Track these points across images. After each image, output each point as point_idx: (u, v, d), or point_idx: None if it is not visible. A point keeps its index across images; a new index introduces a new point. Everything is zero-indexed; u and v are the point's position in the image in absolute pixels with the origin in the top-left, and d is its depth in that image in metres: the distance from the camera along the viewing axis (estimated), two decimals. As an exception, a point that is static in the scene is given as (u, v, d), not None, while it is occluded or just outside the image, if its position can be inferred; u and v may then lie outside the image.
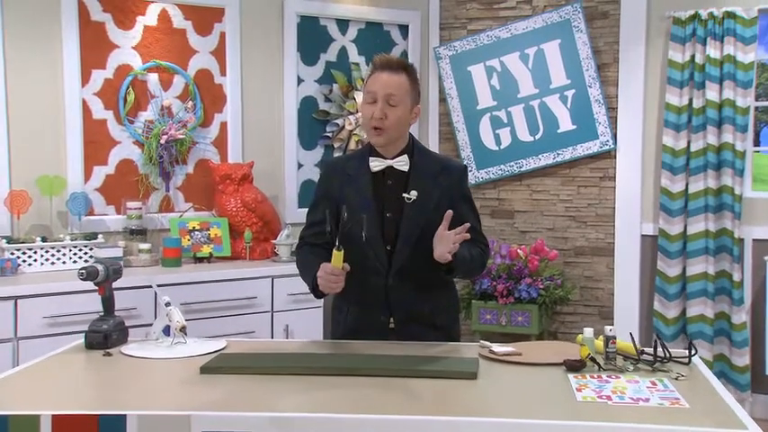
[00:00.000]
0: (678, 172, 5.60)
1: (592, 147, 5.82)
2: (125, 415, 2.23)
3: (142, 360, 2.87)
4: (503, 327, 5.48)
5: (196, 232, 5.09)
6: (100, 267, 3.06)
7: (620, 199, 5.83)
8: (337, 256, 2.89)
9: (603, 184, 5.88)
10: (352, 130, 5.74)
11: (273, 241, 5.21)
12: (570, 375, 2.67)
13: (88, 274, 3.04)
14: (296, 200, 5.68)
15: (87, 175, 4.98)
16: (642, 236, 5.81)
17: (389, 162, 3.14)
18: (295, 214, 5.63)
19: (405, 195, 3.10)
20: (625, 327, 5.73)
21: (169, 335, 3.05)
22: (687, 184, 5.59)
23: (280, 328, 4.92)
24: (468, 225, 2.94)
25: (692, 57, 5.53)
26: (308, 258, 3.19)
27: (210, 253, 5.06)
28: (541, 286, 5.49)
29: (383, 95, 3.04)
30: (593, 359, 2.74)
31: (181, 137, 5.13)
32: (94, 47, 4.96)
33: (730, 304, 5.53)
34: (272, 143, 5.61)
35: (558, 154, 5.88)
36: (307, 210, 3.38)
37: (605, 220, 5.88)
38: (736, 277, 5.47)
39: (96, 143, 5.00)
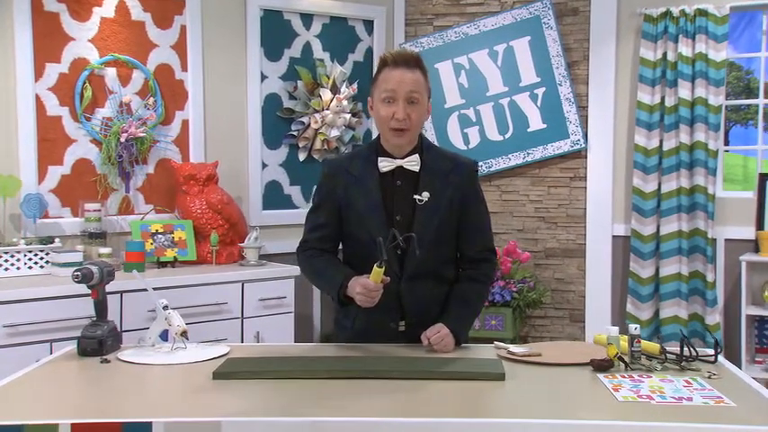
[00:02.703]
0: (651, 171, 5.52)
1: (562, 146, 5.71)
2: (151, 422, 2.05)
3: (145, 366, 2.66)
4: (476, 331, 5.30)
5: (159, 235, 4.81)
6: (94, 269, 2.84)
7: (591, 199, 5.73)
8: (378, 272, 2.73)
9: (574, 184, 5.77)
10: (317, 129, 5.53)
11: (241, 244, 4.97)
12: (600, 375, 2.53)
13: (83, 277, 2.82)
14: (260, 201, 5.44)
15: (41, 175, 4.66)
16: (614, 237, 5.72)
17: (400, 162, 2.97)
18: (260, 216, 5.40)
19: (416, 197, 2.94)
20: (597, 329, 5.66)
21: (166, 340, 2.82)
22: (660, 184, 5.52)
23: (250, 335, 4.69)
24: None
25: (664, 54, 5.46)
26: (322, 266, 3.06)
27: (175, 257, 4.79)
28: (515, 289, 5.36)
29: (404, 94, 2.88)
30: (620, 358, 2.60)
31: (142, 135, 4.85)
32: (48, 39, 4.65)
33: (704, 305, 5.46)
34: (236, 142, 5.36)
35: (528, 153, 5.76)
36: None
37: (576, 221, 5.77)
38: (710, 278, 5.41)
39: (51, 141, 4.68)
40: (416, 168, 2.97)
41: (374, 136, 5.82)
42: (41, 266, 4.44)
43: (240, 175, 5.37)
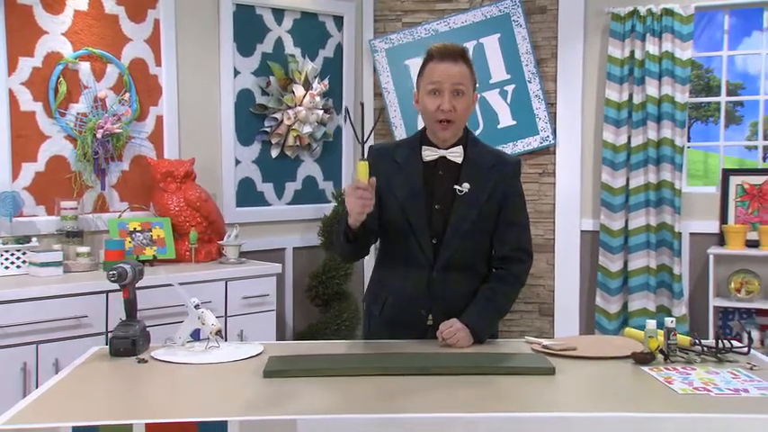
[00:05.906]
0: (619, 167, 5.62)
1: (532, 142, 5.77)
2: (226, 421, 2.01)
3: (185, 365, 2.60)
4: (452, 326, 5.33)
5: (137, 233, 4.70)
6: (128, 268, 2.78)
7: (559, 195, 5.81)
8: (362, 165, 2.67)
9: (543, 180, 5.83)
10: (290, 125, 5.47)
11: (220, 242, 4.89)
12: (645, 368, 2.56)
13: (119, 276, 2.77)
14: (234, 198, 5.37)
15: (15, 172, 4.50)
16: (582, 231, 5.81)
17: (443, 152, 2.98)
18: (234, 213, 5.32)
19: (456, 187, 2.96)
20: (566, 323, 5.77)
21: (198, 339, 2.77)
22: (628, 180, 5.62)
23: (234, 334, 4.61)
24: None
25: (632, 53, 5.56)
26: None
27: (154, 255, 4.69)
28: (488, 284, 5.39)
29: (450, 87, 2.90)
30: (662, 351, 2.64)
31: (118, 131, 4.73)
32: (21, 32, 4.50)
33: (670, 297, 5.58)
34: (209, 138, 5.27)
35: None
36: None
37: (545, 217, 5.84)
38: (677, 270, 5.53)
39: (24, 138, 4.53)
40: (459, 159, 2.99)
41: (344, 132, 5.87)
42: (18, 266, 4.32)
43: (214, 171, 5.28)
